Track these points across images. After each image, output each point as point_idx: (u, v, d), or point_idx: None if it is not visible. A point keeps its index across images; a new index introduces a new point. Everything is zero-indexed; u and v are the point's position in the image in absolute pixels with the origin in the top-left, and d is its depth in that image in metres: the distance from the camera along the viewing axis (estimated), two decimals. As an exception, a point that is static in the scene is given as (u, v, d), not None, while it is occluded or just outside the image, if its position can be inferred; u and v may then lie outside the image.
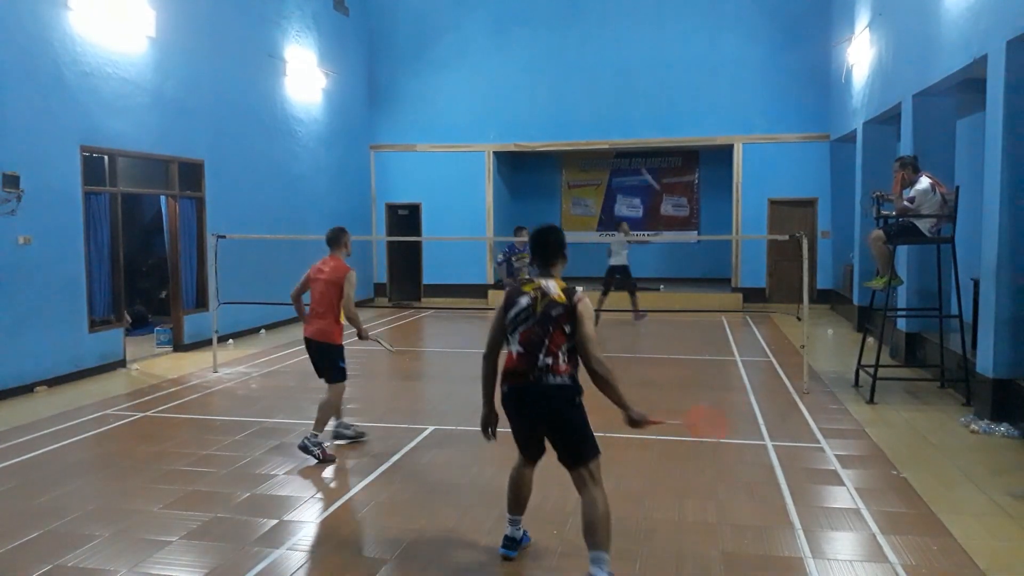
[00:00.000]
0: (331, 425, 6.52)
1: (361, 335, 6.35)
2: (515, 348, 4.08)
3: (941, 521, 4.81)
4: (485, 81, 17.56)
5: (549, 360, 3.98)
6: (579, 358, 4.03)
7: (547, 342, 3.98)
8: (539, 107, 17.42)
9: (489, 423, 4.24)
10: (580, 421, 4.04)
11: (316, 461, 5.99)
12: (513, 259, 11.33)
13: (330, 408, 6.25)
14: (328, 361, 6.32)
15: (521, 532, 4.45)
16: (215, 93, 12.23)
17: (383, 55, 17.96)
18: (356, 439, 6.59)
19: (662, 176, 19.70)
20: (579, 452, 4.00)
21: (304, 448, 6.01)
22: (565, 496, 5.22)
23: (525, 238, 11.24)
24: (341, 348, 6.35)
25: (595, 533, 3.88)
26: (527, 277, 4.25)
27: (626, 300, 13.98)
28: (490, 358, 4.17)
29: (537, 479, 4.29)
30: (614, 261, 14.09)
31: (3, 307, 8.47)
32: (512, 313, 4.09)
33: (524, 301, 4.08)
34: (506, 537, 4.40)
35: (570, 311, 3.99)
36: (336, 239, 6.40)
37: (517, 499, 4.35)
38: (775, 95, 16.48)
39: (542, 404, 4.01)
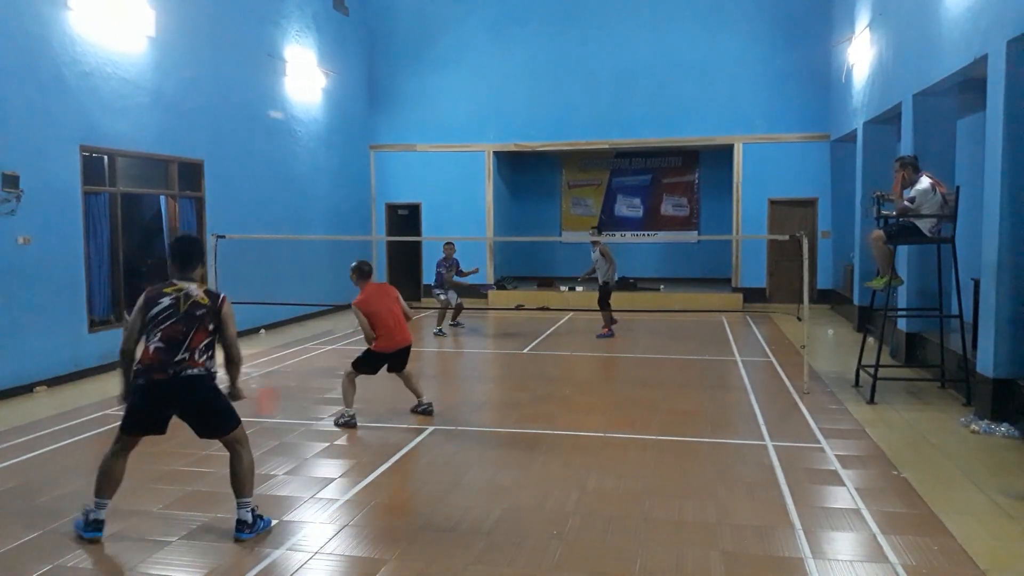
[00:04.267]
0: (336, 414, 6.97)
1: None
2: (154, 344, 4.47)
3: (941, 521, 4.81)
4: (485, 81, 17.55)
5: (187, 355, 4.48)
6: (225, 350, 4.66)
7: (189, 339, 4.49)
8: (539, 107, 17.41)
9: (126, 396, 4.59)
10: (219, 402, 4.66)
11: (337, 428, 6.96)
12: (443, 270, 12.93)
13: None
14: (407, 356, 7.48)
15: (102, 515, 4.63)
16: (215, 93, 12.22)
17: (383, 55, 17.96)
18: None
19: (662, 176, 19.71)
20: (224, 426, 4.65)
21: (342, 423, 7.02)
22: (565, 496, 5.23)
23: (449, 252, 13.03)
24: None
25: (243, 484, 4.63)
26: (169, 282, 4.63)
27: (626, 302, 13.90)
28: (129, 353, 4.55)
29: (537, 479, 4.28)
30: (604, 278, 12.49)
31: (3, 307, 8.46)
32: (153, 312, 4.49)
33: (166, 301, 4.51)
34: (96, 521, 4.58)
35: (214, 312, 4.58)
36: (371, 269, 7.60)
37: (113, 482, 4.62)
38: (775, 95, 16.47)
39: (178, 395, 4.51)
